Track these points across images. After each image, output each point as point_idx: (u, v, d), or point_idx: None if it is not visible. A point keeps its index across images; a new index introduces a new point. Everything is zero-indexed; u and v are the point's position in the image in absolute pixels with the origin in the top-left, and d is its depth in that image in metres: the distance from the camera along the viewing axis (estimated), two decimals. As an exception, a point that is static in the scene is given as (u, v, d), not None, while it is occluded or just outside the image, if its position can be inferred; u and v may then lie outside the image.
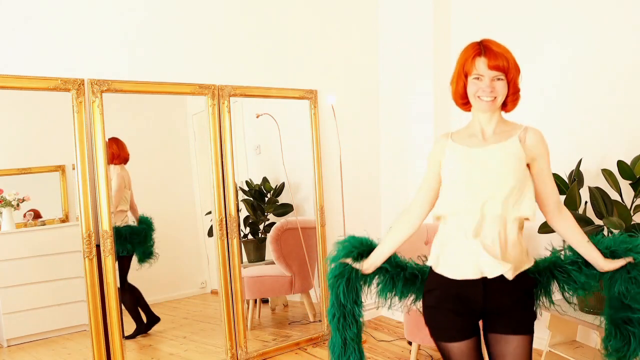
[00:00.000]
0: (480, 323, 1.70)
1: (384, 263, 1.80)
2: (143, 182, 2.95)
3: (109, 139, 2.72)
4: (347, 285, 1.76)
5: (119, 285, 2.73)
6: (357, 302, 1.80)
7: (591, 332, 2.92)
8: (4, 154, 2.57)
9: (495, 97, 1.59)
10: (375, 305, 3.96)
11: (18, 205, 2.60)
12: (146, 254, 2.92)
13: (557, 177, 2.79)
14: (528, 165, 1.63)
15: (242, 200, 3.30)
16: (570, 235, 1.70)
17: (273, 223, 3.45)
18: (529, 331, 1.67)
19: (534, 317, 1.69)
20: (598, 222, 2.60)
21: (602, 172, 2.66)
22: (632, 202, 2.57)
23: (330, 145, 3.53)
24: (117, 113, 2.72)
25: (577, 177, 2.74)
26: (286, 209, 3.45)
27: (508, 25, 3.28)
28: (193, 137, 3.15)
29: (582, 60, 2.95)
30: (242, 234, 3.21)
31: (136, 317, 2.96)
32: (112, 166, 2.77)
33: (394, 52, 3.75)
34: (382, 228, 3.90)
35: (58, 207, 2.72)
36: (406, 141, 3.71)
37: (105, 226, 2.60)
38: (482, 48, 1.62)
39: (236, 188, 3.09)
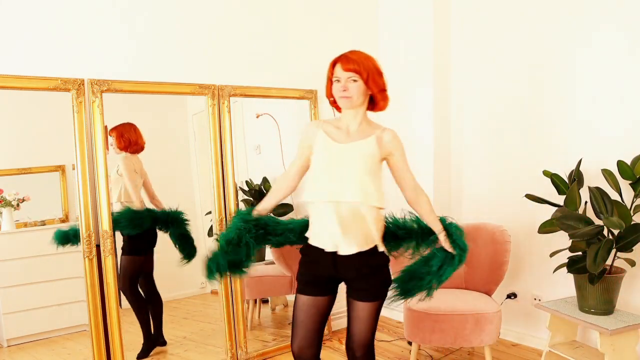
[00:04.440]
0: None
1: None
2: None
3: (126, 124, 2.69)
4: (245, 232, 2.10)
5: (144, 288, 2.75)
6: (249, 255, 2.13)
7: (591, 332, 2.93)
8: (4, 154, 2.57)
9: (350, 97, 1.91)
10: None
11: (18, 205, 2.60)
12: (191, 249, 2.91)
13: (557, 177, 2.80)
14: (387, 161, 2.02)
15: (242, 200, 3.30)
16: (426, 218, 2.09)
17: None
18: (374, 299, 2.00)
19: (384, 285, 2.03)
20: (598, 222, 2.61)
21: (602, 172, 2.66)
22: (632, 202, 2.57)
23: (330, 145, 3.53)
24: (117, 113, 2.72)
25: (577, 177, 2.74)
26: (286, 209, 3.45)
27: (508, 25, 3.28)
28: (193, 137, 3.15)
29: (582, 61, 2.95)
30: (242, 234, 3.20)
31: (148, 334, 2.91)
32: (120, 154, 2.75)
33: (394, 52, 3.75)
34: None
35: (58, 207, 2.72)
36: (406, 141, 3.70)
37: (105, 226, 2.60)
38: (340, 56, 1.96)
39: (236, 188, 3.09)
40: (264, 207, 2.19)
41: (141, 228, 2.78)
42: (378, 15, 3.84)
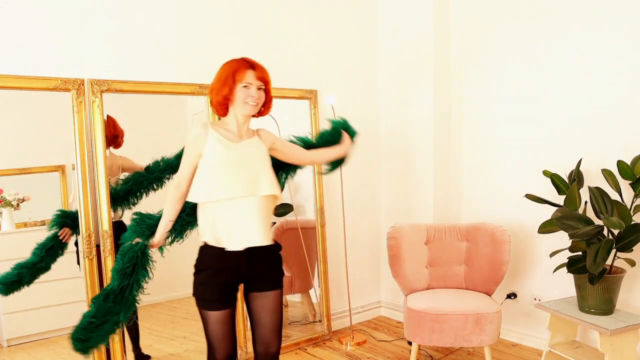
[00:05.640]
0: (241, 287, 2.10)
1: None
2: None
3: (107, 119, 2.64)
4: (139, 259, 2.03)
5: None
6: (139, 284, 2.05)
7: (591, 332, 2.93)
8: (4, 154, 2.57)
9: (258, 104, 2.03)
10: (374, 305, 3.97)
11: (18, 205, 2.60)
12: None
13: (557, 177, 2.80)
14: (273, 150, 2.15)
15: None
16: (321, 156, 2.35)
17: (273, 223, 3.45)
18: (280, 285, 2.09)
19: (282, 274, 2.11)
20: (598, 222, 2.61)
21: (602, 172, 2.66)
22: (632, 202, 2.57)
23: (330, 145, 3.53)
24: (117, 113, 2.72)
25: (577, 177, 2.74)
26: (286, 209, 3.45)
27: (508, 25, 3.28)
28: (193, 137, 3.14)
29: (582, 60, 2.95)
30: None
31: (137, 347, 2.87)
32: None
33: (394, 52, 3.75)
34: (382, 228, 3.91)
35: (58, 207, 2.71)
36: (406, 141, 3.71)
37: (105, 226, 2.60)
38: (251, 63, 2.01)
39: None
40: (162, 235, 2.08)
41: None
42: (378, 14, 3.84)
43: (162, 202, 2.08)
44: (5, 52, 2.43)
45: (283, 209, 3.45)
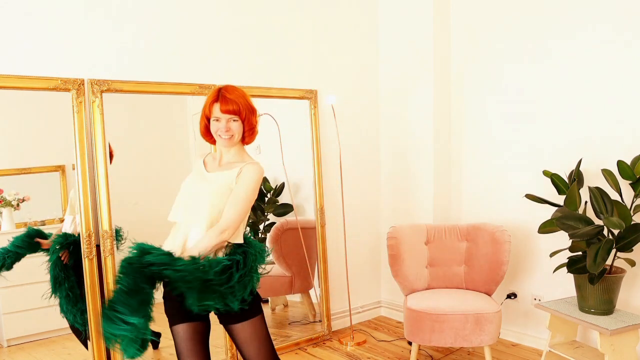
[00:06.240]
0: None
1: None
2: (143, 182, 2.95)
3: None
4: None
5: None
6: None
7: (591, 332, 2.93)
8: (4, 154, 2.56)
9: (232, 135, 1.95)
10: (374, 306, 3.97)
11: (18, 205, 2.60)
12: None
13: (557, 177, 2.80)
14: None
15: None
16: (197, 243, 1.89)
17: (273, 223, 3.45)
18: (257, 313, 1.93)
19: (254, 301, 1.93)
20: (598, 222, 2.61)
21: (602, 172, 2.66)
22: (632, 202, 2.57)
23: (330, 145, 3.53)
24: (117, 113, 2.72)
25: (577, 177, 2.74)
26: (286, 209, 3.45)
27: (508, 25, 3.28)
28: (193, 137, 3.15)
29: (582, 60, 2.95)
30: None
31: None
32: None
33: (394, 52, 3.75)
34: (382, 228, 3.91)
35: (58, 207, 2.71)
36: (406, 141, 3.71)
37: (105, 226, 2.60)
38: (219, 95, 1.93)
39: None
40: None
41: None
42: (378, 14, 3.84)
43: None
44: (5, 52, 2.43)
45: (283, 209, 3.45)
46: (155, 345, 2.93)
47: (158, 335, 2.90)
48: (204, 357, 1.94)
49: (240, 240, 1.94)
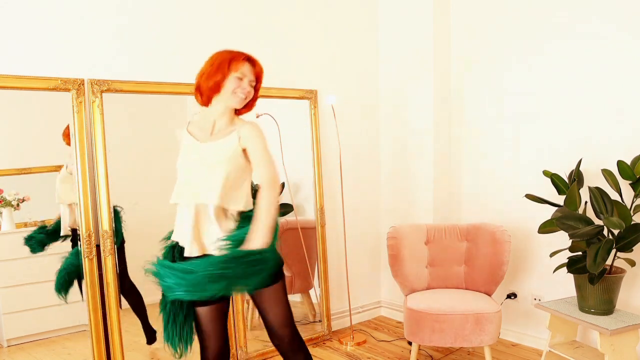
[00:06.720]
0: None
1: None
2: (143, 182, 2.95)
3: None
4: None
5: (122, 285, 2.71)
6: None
7: (591, 332, 2.93)
8: (4, 154, 2.56)
9: (246, 97, 1.97)
10: (374, 306, 3.97)
11: (18, 205, 2.60)
12: None
13: (557, 177, 2.80)
14: (246, 153, 1.95)
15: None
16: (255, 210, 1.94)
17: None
18: (274, 281, 1.96)
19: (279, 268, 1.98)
20: (598, 222, 2.61)
21: (602, 172, 2.66)
22: (632, 202, 2.57)
23: (330, 145, 3.53)
24: (117, 113, 2.72)
25: (577, 177, 2.74)
26: (286, 209, 3.45)
27: (508, 25, 3.28)
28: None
29: (582, 60, 2.95)
30: (242, 234, 3.19)
31: (146, 324, 2.90)
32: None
33: (394, 52, 3.75)
34: (382, 228, 3.90)
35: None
36: (406, 141, 3.71)
37: (105, 226, 2.59)
38: (249, 57, 1.97)
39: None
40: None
41: None
42: (378, 14, 3.84)
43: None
44: (5, 52, 2.43)
45: (283, 209, 3.45)
46: (151, 341, 2.92)
47: (153, 332, 2.90)
48: (226, 336, 2.05)
49: (251, 207, 1.96)
